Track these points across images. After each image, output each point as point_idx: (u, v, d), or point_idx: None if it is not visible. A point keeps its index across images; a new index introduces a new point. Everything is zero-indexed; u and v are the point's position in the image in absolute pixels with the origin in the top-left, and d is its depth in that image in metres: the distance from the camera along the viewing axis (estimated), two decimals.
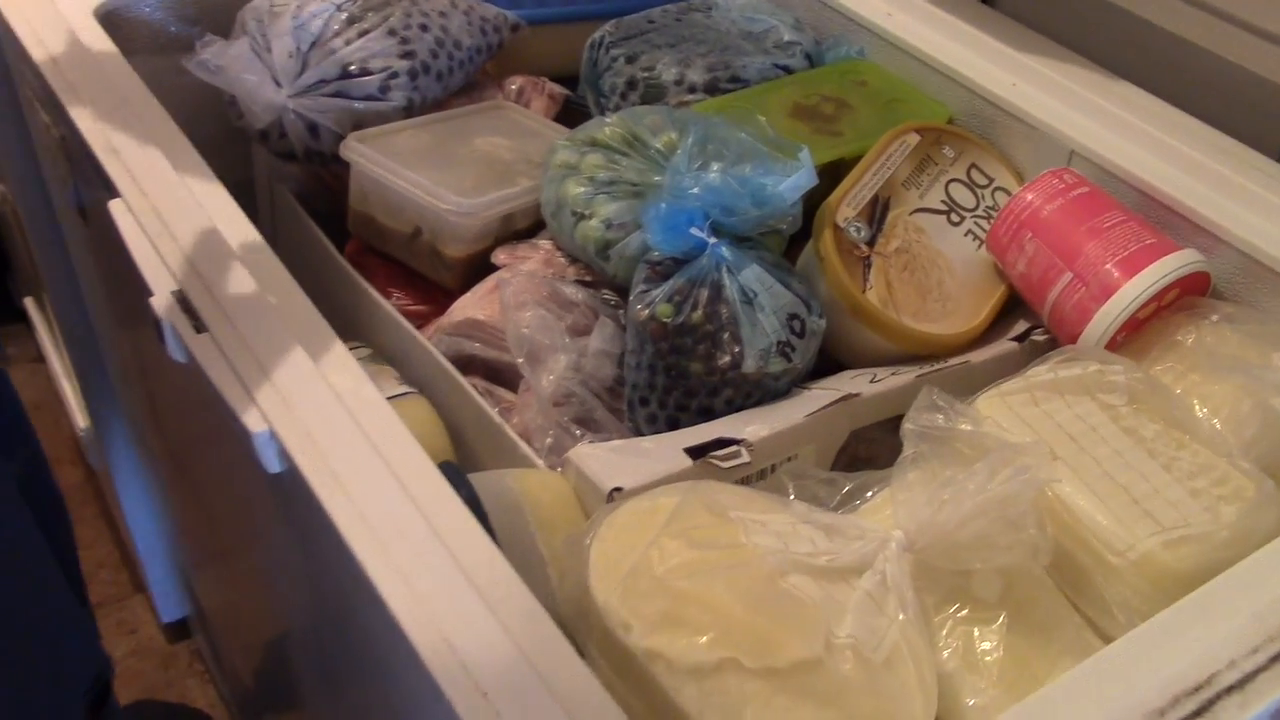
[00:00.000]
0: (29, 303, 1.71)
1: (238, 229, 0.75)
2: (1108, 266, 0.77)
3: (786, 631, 0.59)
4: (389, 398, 0.83)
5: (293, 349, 0.67)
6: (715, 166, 0.79)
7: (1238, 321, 0.75)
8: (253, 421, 0.63)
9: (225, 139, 0.97)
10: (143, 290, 0.71)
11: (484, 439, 0.80)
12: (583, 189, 0.84)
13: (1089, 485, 0.66)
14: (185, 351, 0.68)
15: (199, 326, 0.68)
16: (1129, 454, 0.67)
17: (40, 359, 1.72)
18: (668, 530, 0.62)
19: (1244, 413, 0.69)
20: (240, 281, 0.71)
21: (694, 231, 0.77)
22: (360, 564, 0.57)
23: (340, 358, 0.68)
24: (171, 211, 0.76)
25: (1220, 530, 0.63)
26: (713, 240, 0.78)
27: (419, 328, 0.89)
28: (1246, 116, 0.85)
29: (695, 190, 0.77)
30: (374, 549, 0.57)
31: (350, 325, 0.95)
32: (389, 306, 0.88)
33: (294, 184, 1.03)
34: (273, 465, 0.63)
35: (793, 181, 0.78)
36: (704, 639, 0.58)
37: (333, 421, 0.63)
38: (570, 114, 1.06)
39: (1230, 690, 0.53)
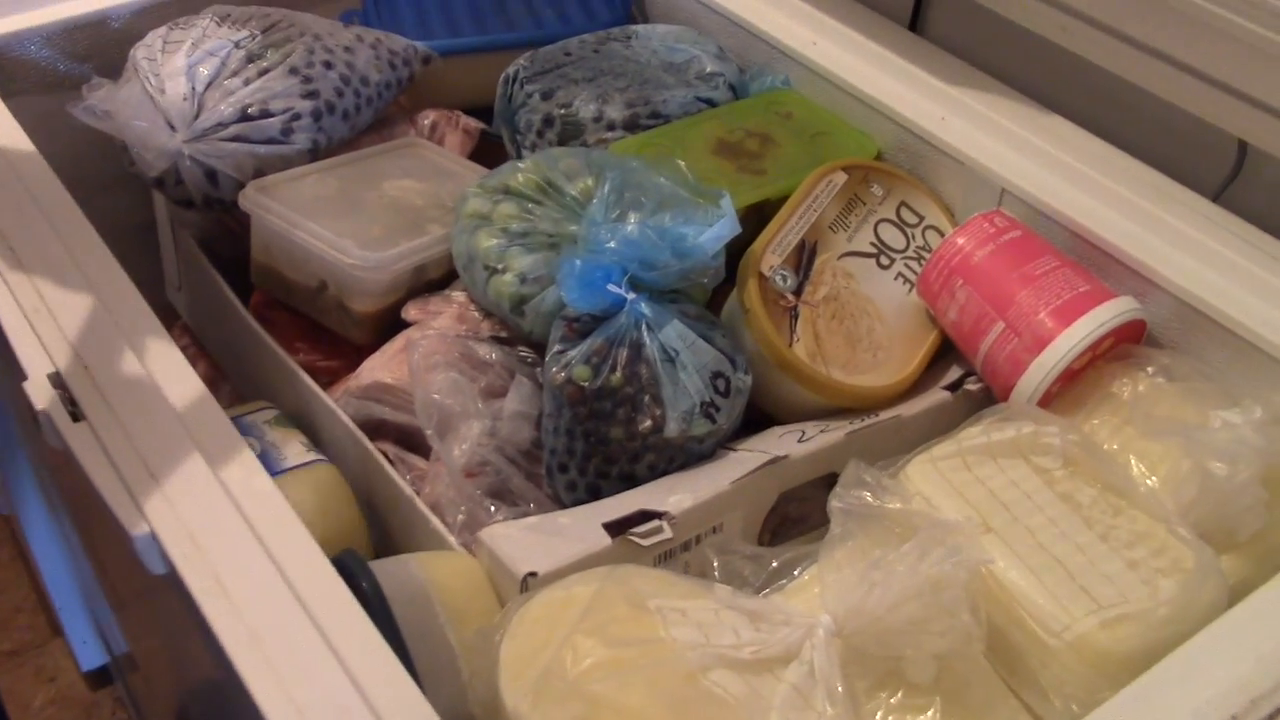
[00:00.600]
0: None
1: (124, 301, 0.70)
2: (1041, 316, 0.74)
3: None
4: (295, 466, 0.79)
5: (179, 437, 0.63)
6: (633, 216, 0.75)
7: (1174, 374, 0.72)
8: (132, 522, 0.58)
9: (124, 179, 0.93)
10: (17, 374, 0.66)
11: (395, 511, 0.76)
12: (495, 241, 0.80)
13: (1023, 559, 0.63)
14: (62, 441, 0.63)
15: (76, 415, 0.64)
16: (1064, 522, 0.65)
17: None
18: (582, 626, 0.59)
19: (1182, 474, 0.66)
20: (125, 360, 0.67)
21: (611, 288, 0.73)
22: (240, 675, 0.53)
23: (231, 444, 0.63)
24: (50, 283, 0.71)
25: (1159, 607, 0.60)
26: (631, 296, 0.74)
27: (329, 385, 0.85)
28: (1183, 155, 0.82)
29: (612, 244, 0.73)
30: (255, 659, 0.53)
31: (256, 383, 0.91)
32: (294, 365, 0.84)
33: (196, 229, 0.98)
34: (156, 567, 0.59)
35: (714, 232, 0.74)
36: None
37: (219, 519, 0.59)
38: (487, 148, 1.01)
39: None
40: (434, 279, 0.87)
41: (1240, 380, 0.72)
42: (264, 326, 0.88)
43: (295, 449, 0.80)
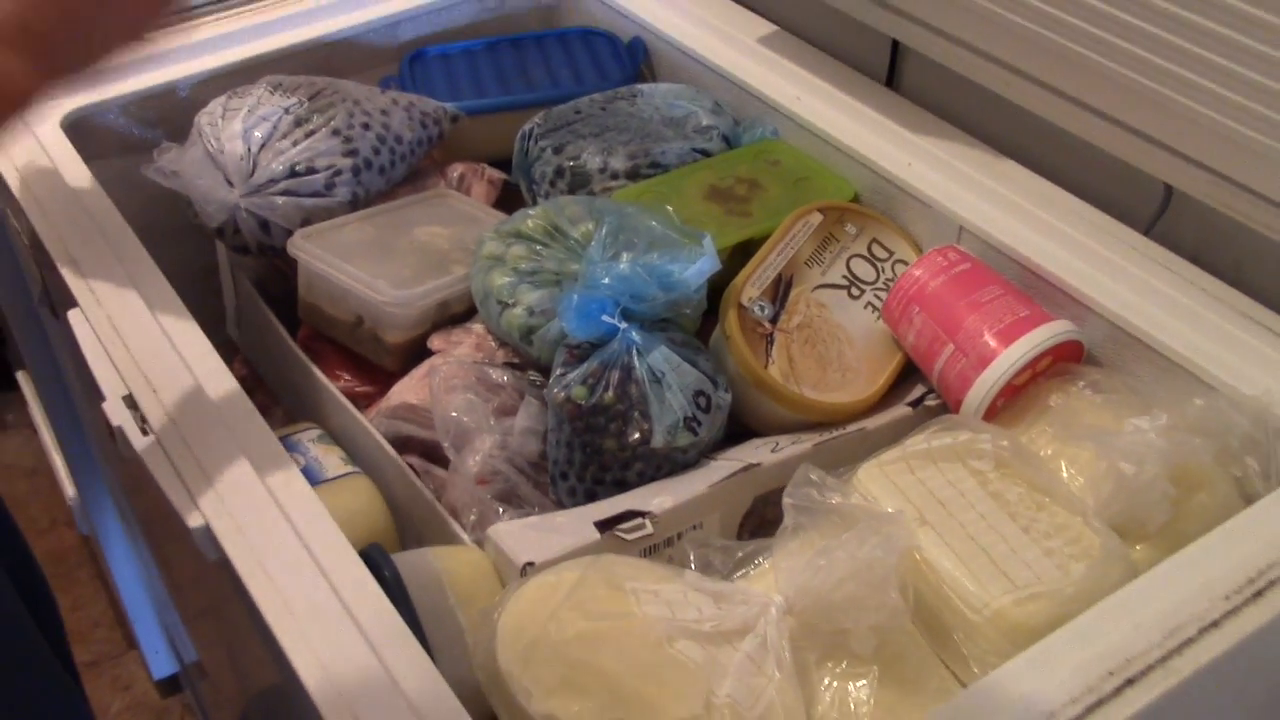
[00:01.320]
0: (21, 375, 1.79)
1: (188, 335, 0.82)
2: (985, 338, 0.84)
3: (670, 695, 0.65)
4: (334, 477, 0.90)
5: (232, 450, 0.74)
6: (626, 256, 0.86)
7: (1103, 388, 0.82)
8: (190, 516, 0.70)
9: (189, 230, 1.05)
10: (96, 395, 0.78)
11: (419, 514, 0.87)
12: (507, 279, 0.91)
13: (953, 548, 0.72)
14: (133, 452, 0.75)
15: (145, 430, 0.75)
16: (992, 517, 0.74)
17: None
18: (568, 603, 0.69)
19: (1099, 474, 0.75)
20: (188, 386, 0.78)
21: (605, 318, 0.84)
22: (279, 644, 0.64)
23: (276, 456, 0.75)
24: (124, 320, 0.83)
25: (1067, 587, 0.69)
26: (624, 325, 0.85)
27: (365, 407, 0.96)
28: (1117, 194, 0.91)
29: (607, 280, 0.84)
30: (293, 632, 0.64)
31: (304, 406, 1.03)
32: (335, 390, 0.95)
33: (252, 272, 1.10)
34: (210, 553, 0.70)
35: (696, 268, 0.85)
36: (595, 704, 0.64)
37: (264, 516, 0.70)
38: (510, 196, 1.13)
39: None
40: (457, 313, 0.98)
41: (1163, 393, 0.81)
42: (310, 357, 0.99)
43: (335, 462, 0.91)
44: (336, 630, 0.65)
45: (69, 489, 1.56)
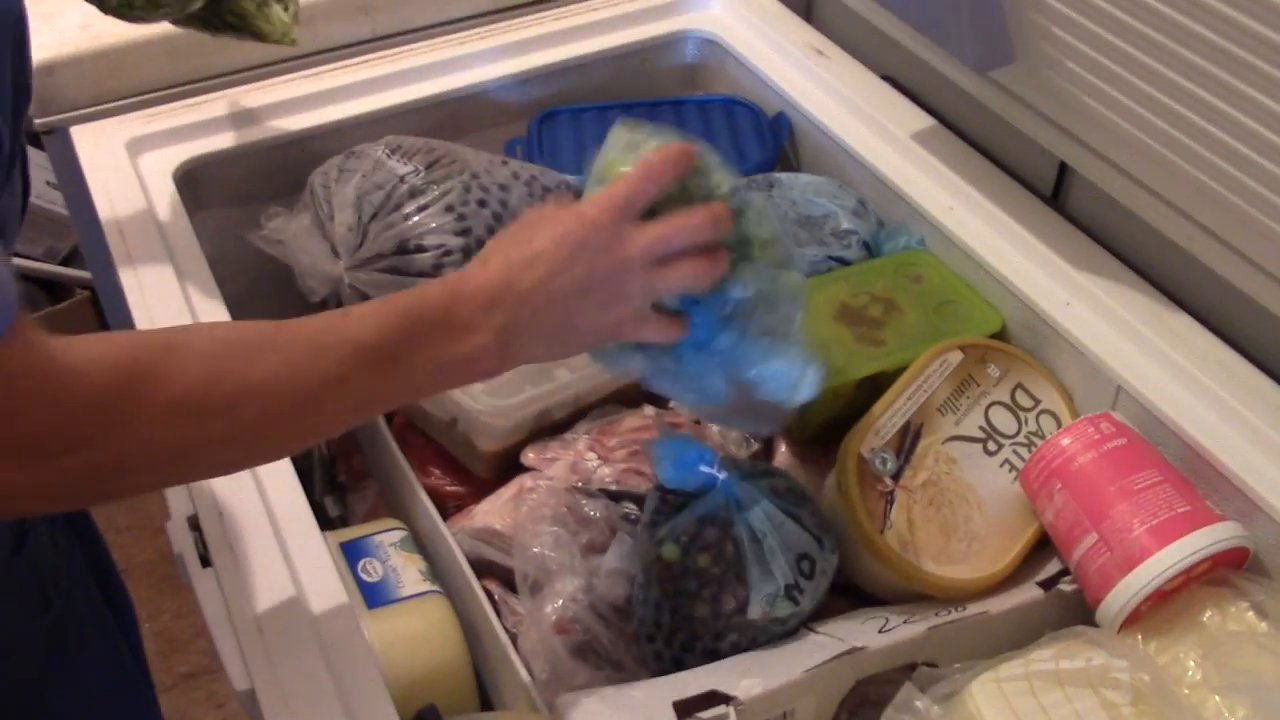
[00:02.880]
0: None
1: None
2: (1136, 533, 0.74)
3: None
4: (410, 596, 0.85)
5: (291, 594, 0.69)
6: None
7: (1269, 613, 0.71)
8: (239, 678, 0.65)
9: (295, 294, 1.01)
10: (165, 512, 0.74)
11: (491, 653, 0.81)
12: None
13: None
14: (190, 583, 0.71)
15: (205, 559, 0.71)
16: None
17: None
18: None
19: None
20: (254, 509, 0.74)
21: (704, 469, 0.77)
22: None
23: (334, 596, 0.69)
24: None
25: None
26: (723, 476, 0.78)
27: (454, 509, 0.91)
28: None
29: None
30: None
31: (393, 500, 0.98)
32: (422, 494, 0.90)
33: None
34: (255, 716, 0.66)
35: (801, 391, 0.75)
36: None
37: (315, 685, 0.65)
38: None
39: None
40: (557, 420, 0.92)
41: None
42: (402, 448, 0.94)
43: (413, 576, 0.86)
44: None
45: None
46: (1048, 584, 0.81)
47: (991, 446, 0.85)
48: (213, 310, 0.88)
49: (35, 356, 0.52)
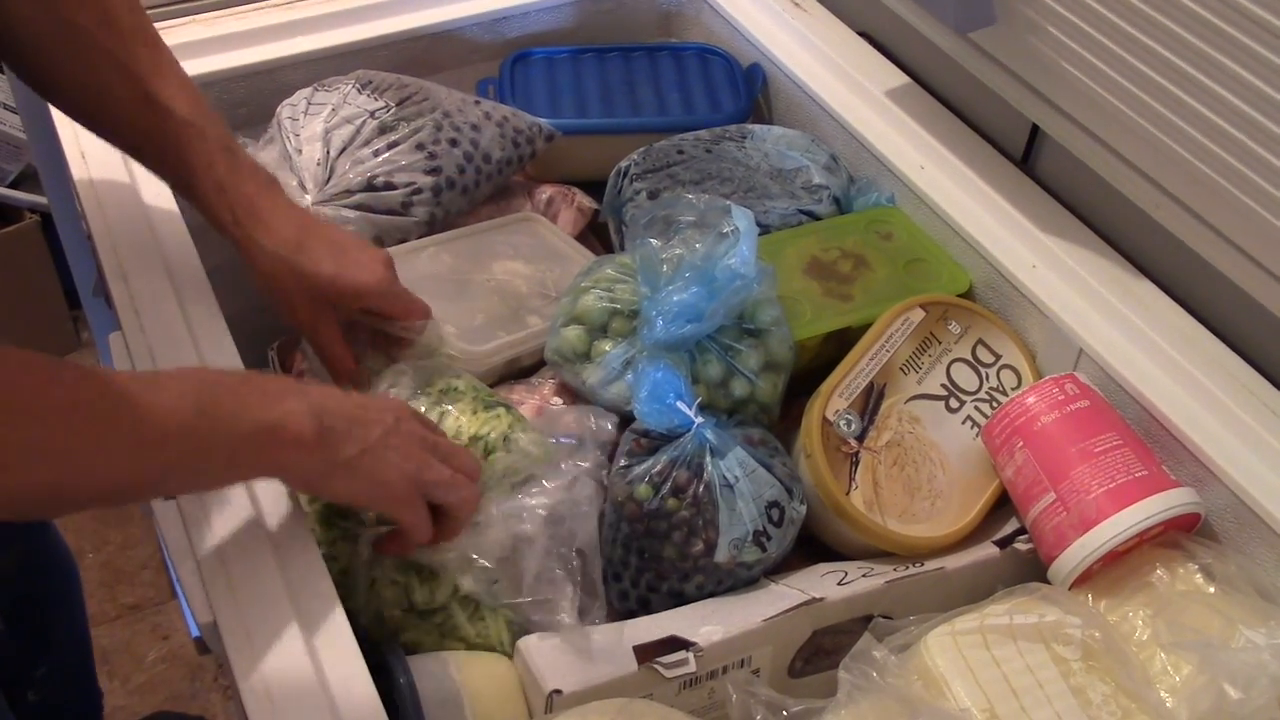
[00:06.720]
0: None
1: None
2: (1094, 495, 0.75)
3: None
4: None
5: (251, 518, 0.69)
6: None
7: (1216, 575, 0.73)
8: (199, 609, 0.65)
9: None
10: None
11: None
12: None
13: None
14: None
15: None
16: (1071, 717, 0.66)
17: None
18: None
19: (1198, 688, 0.67)
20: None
21: (679, 406, 0.77)
22: None
23: (296, 524, 0.69)
24: (166, 354, 0.78)
25: None
26: (698, 420, 0.78)
27: None
28: (1269, 348, 0.81)
29: (661, 323, 0.79)
30: None
31: None
32: None
33: None
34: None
35: (738, 253, 0.77)
36: None
37: (277, 614, 0.65)
38: (599, 226, 1.06)
39: None
40: (526, 366, 0.92)
41: None
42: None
43: None
44: None
45: None
46: (1003, 542, 0.83)
47: (954, 404, 0.86)
48: (175, 232, 0.86)
49: None
